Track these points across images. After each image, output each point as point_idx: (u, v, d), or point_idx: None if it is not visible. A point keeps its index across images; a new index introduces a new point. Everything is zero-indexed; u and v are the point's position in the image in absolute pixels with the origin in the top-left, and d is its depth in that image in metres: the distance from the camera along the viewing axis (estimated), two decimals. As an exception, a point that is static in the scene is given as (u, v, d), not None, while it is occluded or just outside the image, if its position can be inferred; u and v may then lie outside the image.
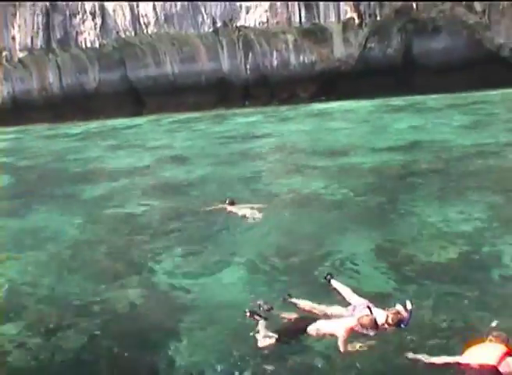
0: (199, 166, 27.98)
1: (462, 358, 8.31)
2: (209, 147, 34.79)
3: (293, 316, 10.38)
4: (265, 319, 10.27)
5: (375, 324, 9.40)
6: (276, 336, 9.78)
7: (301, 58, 54.27)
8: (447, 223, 15.53)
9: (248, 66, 56.99)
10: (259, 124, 43.55)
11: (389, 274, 12.60)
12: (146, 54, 61.61)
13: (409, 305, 9.76)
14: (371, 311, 9.64)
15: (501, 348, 8.33)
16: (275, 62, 55.69)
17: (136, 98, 63.01)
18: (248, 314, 10.46)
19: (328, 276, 11.72)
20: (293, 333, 9.98)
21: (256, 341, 9.93)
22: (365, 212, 17.48)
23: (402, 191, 19.33)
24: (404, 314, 9.60)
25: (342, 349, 9.31)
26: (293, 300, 11.12)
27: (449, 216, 16.01)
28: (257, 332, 10.08)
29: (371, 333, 9.40)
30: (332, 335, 9.58)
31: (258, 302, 10.95)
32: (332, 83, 51.55)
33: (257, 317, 10.32)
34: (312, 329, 9.77)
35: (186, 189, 23.14)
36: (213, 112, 53.77)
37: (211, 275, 13.62)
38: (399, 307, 9.76)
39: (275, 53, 55.39)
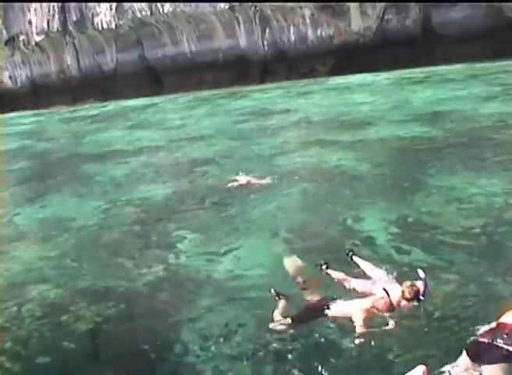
0: (218, 143, 27.99)
1: (498, 320, 8.10)
2: (228, 123, 34.77)
3: (316, 297, 10.24)
4: (287, 299, 10.17)
5: (390, 306, 9.28)
6: (290, 321, 9.66)
7: (319, 32, 53.97)
8: (470, 195, 15.31)
9: (266, 42, 56.77)
10: (278, 99, 43.40)
11: (412, 247, 12.42)
12: (163, 33, 61.44)
13: (421, 274, 9.58)
14: (387, 292, 9.43)
15: None
16: (292, 38, 55.43)
17: (155, 78, 62.96)
18: (274, 294, 10.38)
19: (351, 253, 11.57)
20: (310, 316, 9.86)
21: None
22: (386, 185, 17.34)
23: (423, 162, 19.04)
24: (420, 285, 9.40)
25: (358, 331, 9.20)
26: (328, 270, 11.09)
27: (472, 188, 15.78)
28: (274, 311, 10.02)
29: (387, 314, 9.26)
30: (349, 317, 9.46)
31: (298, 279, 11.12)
32: (350, 57, 51.18)
33: (281, 297, 10.23)
34: (330, 310, 9.63)
35: (205, 166, 22.99)
36: (232, 89, 53.50)
37: (230, 254, 13.53)
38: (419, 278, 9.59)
39: (292, 28, 55.10)
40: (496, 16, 46.60)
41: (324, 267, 11.13)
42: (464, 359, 7.67)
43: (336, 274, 10.90)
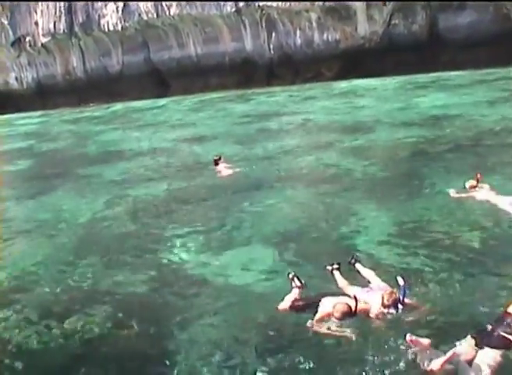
0: (222, 145, 27.94)
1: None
2: (233, 126, 34.82)
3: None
4: (302, 287, 10.40)
5: (345, 313, 9.22)
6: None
7: (325, 36, 53.89)
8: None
9: (272, 46, 56.71)
10: (283, 103, 43.34)
11: (414, 251, 12.39)
12: (169, 36, 61.43)
13: (401, 281, 9.44)
14: (356, 300, 9.34)
15: None
16: (298, 41, 55.38)
17: (160, 80, 63.00)
18: (291, 276, 10.55)
19: (353, 260, 11.43)
20: (309, 306, 9.88)
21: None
22: (389, 188, 17.29)
23: (427, 167, 18.99)
24: (399, 293, 9.30)
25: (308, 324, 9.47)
26: (335, 273, 11.08)
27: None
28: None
29: (336, 320, 9.29)
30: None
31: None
32: (356, 61, 51.05)
33: (297, 283, 10.42)
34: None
35: (208, 168, 22.83)
36: (237, 92, 53.46)
37: (226, 254, 13.54)
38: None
39: (298, 32, 55.03)
40: (503, 22, 46.43)
41: (335, 267, 11.11)
42: (468, 341, 8.17)
43: (340, 280, 10.82)
